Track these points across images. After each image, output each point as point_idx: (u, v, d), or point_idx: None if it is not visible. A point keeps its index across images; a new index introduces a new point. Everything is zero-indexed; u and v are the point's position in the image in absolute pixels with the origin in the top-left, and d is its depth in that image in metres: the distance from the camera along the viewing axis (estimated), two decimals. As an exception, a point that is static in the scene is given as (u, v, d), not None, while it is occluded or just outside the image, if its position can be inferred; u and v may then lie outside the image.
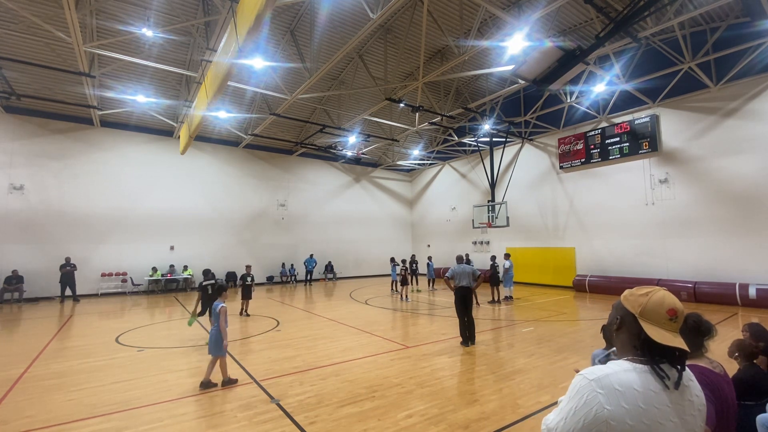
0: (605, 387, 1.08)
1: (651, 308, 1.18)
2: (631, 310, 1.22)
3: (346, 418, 4.19)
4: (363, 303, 12.99)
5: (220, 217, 18.95)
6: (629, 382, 1.09)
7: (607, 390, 1.08)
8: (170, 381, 5.47)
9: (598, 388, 1.08)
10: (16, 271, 13.81)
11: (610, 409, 1.05)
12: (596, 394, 1.08)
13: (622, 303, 1.28)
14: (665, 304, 1.17)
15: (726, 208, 12.05)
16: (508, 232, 18.55)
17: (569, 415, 1.12)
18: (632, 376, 1.10)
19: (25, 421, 4.25)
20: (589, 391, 1.09)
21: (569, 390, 1.16)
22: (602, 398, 1.07)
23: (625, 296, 1.28)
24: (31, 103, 14.63)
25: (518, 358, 6.36)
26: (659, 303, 1.17)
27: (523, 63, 8.86)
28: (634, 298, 1.23)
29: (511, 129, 18.20)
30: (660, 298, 1.18)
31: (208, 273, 8.89)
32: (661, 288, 1.22)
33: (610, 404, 1.06)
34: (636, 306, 1.21)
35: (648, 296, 1.20)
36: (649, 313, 1.18)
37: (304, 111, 17.89)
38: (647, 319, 1.18)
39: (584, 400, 1.09)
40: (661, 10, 9.58)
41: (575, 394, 1.12)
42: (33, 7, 10.35)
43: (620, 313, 1.27)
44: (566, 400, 1.15)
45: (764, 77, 11.43)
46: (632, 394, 1.07)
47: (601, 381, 1.10)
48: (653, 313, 1.17)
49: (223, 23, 9.88)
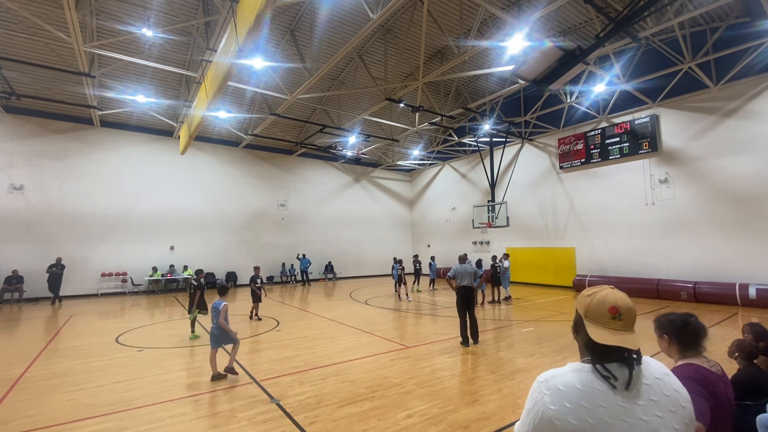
0: (550, 388, 1.11)
1: (593, 308, 1.18)
2: (580, 311, 1.24)
3: (346, 418, 4.19)
4: (363, 303, 12.99)
5: (220, 217, 18.95)
6: (572, 381, 1.11)
7: (552, 390, 1.11)
8: (170, 381, 5.47)
9: (544, 390, 1.12)
10: (16, 271, 13.80)
11: (554, 409, 1.08)
12: (543, 395, 1.12)
13: (576, 305, 1.28)
14: (607, 302, 1.17)
15: (726, 208, 12.05)
16: (508, 232, 18.54)
17: (524, 417, 1.17)
18: (576, 375, 1.12)
19: (25, 421, 4.25)
20: (538, 393, 1.14)
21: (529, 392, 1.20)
22: (547, 398, 1.10)
23: (577, 298, 1.28)
24: (31, 103, 14.63)
25: (518, 358, 6.36)
26: (601, 302, 1.18)
27: (523, 63, 8.86)
28: (582, 299, 1.24)
29: (511, 129, 18.20)
30: (602, 297, 1.18)
31: (200, 272, 8.96)
32: (607, 286, 1.22)
33: (553, 404, 1.08)
34: (582, 307, 1.22)
35: (592, 296, 1.21)
36: (592, 313, 1.18)
37: (304, 111, 17.90)
38: (590, 319, 1.19)
39: (534, 401, 1.14)
40: (661, 10, 9.59)
41: (529, 397, 1.17)
42: (33, 7, 10.35)
43: (575, 315, 1.28)
44: (526, 403, 1.19)
45: (764, 77, 11.43)
46: (574, 393, 1.08)
47: (548, 382, 1.13)
48: (595, 312, 1.18)
49: (223, 23, 9.89)
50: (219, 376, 5.44)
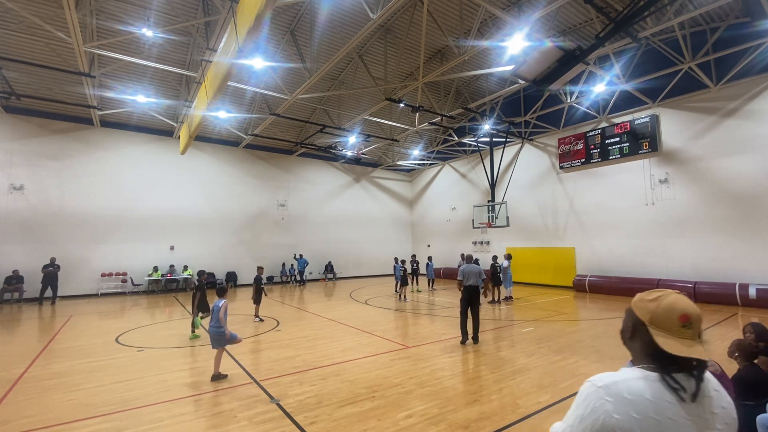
0: (614, 395, 1.02)
1: (661, 315, 1.09)
2: (641, 317, 1.14)
3: (346, 418, 4.19)
4: (363, 303, 12.99)
5: (220, 217, 18.95)
6: (640, 390, 1.02)
7: (616, 398, 1.01)
8: (170, 381, 5.47)
9: (606, 396, 1.03)
10: (17, 271, 13.79)
11: (618, 418, 0.99)
12: (604, 401, 1.02)
13: (632, 309, 1.19)
14: (676, 309, 1.08)
15: (726, 208, 12.05)
16: (508, 232, 18.55)
17: (575, 423, 1.07)
18: (643, 384, 1.03)
19: (25, 421, 4.25)
20: (597, 399, 1.03)
21: (577, 396, 1.10)
22: (610, 406, 1.01)
23: (635, 302, 1.19)
24: (31, 103, 14.63)
25: (518, 358, 6.36)
26: (669, 309, 1.09)
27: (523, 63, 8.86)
28: (644, 304, 1.15)
29: (511, 129, 18.20)
30: (670, 304, 1.09)
31: (201, 273, 8.91)
32: (673, 291, 1.13)
33: (618, 413, 1.00)
34: (645, 313, 1.13)
35: (657, 302, 1.11)
36: (659, 321, 1.09)
37: (304, 111, 17.90)
38: (658, 327, 1.09)
39: (591, 408, 1.04)
40: (661, 10, 9.59)
41: (582, 401, 1.07)
42: (33, 7, 10.35)
43: (631, 320, 1.19)
44: (574, 407, 1.10)
45: (764, 77, 11.43)
46: (643, 403, 1.00)
47: (610, 388, 1.03)
48: (664, 320, 1.09)
49: (223, 23, 9.89)
50: (219, 376, 5.46)
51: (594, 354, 6.56)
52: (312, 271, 21.68)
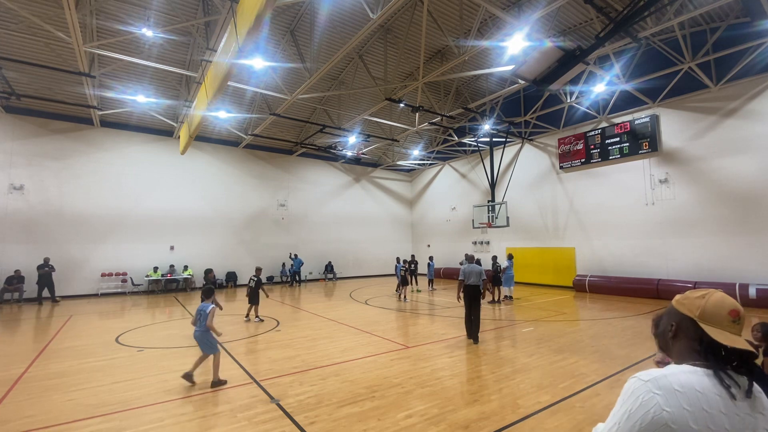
0: (663, 387, 0.99)
1: (711, 310, 1.09)
2: (688, 313, 1.13)
3: (346, 418, 4.19)
4: (363, 303, 12.99)
5: (220, 217, 18.95)
6: (690, 383, 0.99)
7: (666, 390, 0.98)
8: (170, 381, 5.47)
9: (654, 389, 0.99)
10: (18, 271, 13.79)
11: (670, 411, 0.96)
12: (653, 395, 0.99)
13: (675, 308, 1.19)
14: (726, 305, 1.09)
15: (726, 208, 12.05)
16: (508, 232, 18.55)
17: (623, 420, 1.01)
18: (694, 377, 1.01)
19: (25, 421, 4.25)
20: (645, 392, 1.00)
21: (622, 394, 1.06)
22: (660, 399, 0.98)
23: (678, 300, 1.19)
24: (31, 103, 14.63)
25: (518, 358, 6.36)
26: (719, 304, 1.10)
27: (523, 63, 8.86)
28: (690, 302, 1.15)
29: (511, 129, 18.20)
30: (720, 299, 1.11)
31: (209, 272, 8.83)
32: (717, 290, 1.15)
33: (669, 405, 0.96)
34: (694, 309, 1.13)
35: (705, 298, 1.12)
36: (710, 316, 1.09)
37: (304, 111, 17.90)
38: (708, 322, 1.09)
39: (640, 402, 1.00)
40: (661, 10, 9.59)
41: (629, 397, 1.03)
42: (33, 7, 10.35)
43: (675, 318, 1.18)
44: (619, 404, 1.05)
45: (764, 77, 11.43)
46: (695, 396, 0.97)
47: (659, 381, 1.01)
48: (714, 315, 1.09)
49: (223, 23, 9.89)
50: (219, 382, 5.28)
51: (594, 354, 6.56)
52: (312, 271, 21.69)
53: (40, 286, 13.75)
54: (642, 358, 6.32)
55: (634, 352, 6.63)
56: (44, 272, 13.83)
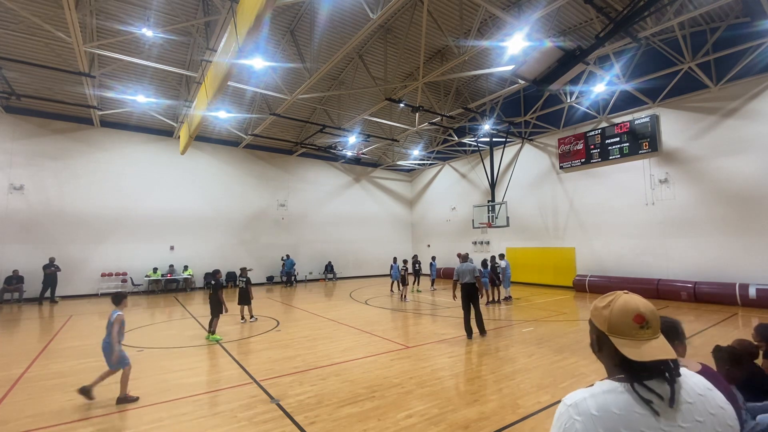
0: (582, 413, 0.99)
1: (616, 320, 1.05)
2: (600, 327, 1.10)
3: (346, 418, 4.19)
4: (363, 303, 12.99)
5: (220, 217, 18.95)
6: (607, 405, 0.98)
7: (584, 416, 0.98)
8: (170, 381, 5.47)
9: (575, 415, 1.00)
10: (17, 271, 13.79)
11: None
12: (573, 421, 0.99)
13: (591, 320, 1.15)
14: (629, 311, 1.04)
15: (726, 208, 12.05)
16: (508, 232, 18.55)
17: None
18: (611, 397, 0.99)
19: (25, 421, 4.25)
20: (567, 418, 1.01)
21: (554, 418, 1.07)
22: (579, 425, 0.97)
23: (591, 311, 1.15)
24: (31, 103, 14.63)
25: (518, 358, 6.36)
26: (623, 311, 1.05)
27: (523, 63, 8.86)
28: (598, 312, 1.11)
29: (511, 129, 18.20)
30: (622, 306, 1.05)
31: (216, 273, 8.70)
32: (622, 292, 1.09)
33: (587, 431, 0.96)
34: (603, 322, 1.09)
35: (610, 307, 1.07)
36: (615, 327, 1.05)
37: (304, 111, 17.90)
38: (616, 334, 1.05)
39: (563, 428, 1.01)
40: (661, 10, 9.58)
41: (556, 422, 1.04)
42: (33, 7, 10.35)
43: (594, 332, 1.15)
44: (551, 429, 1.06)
45: (764, 77, 11.43)
46: (611, 419, 0.96)
47: (578, 406, 1.00)
48: (619, 325, 1.04)
49: (223, 23, 9.89)
50: (127, 398, 4.70)
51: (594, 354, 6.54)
52: (312, 271, 21.69)
53: (45, 285, 13.81)
54: (642, 358, 6.31)
55: (634, 352, 6.62)
56: (50, 272, 13.90)
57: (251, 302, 10.09)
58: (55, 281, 14.01)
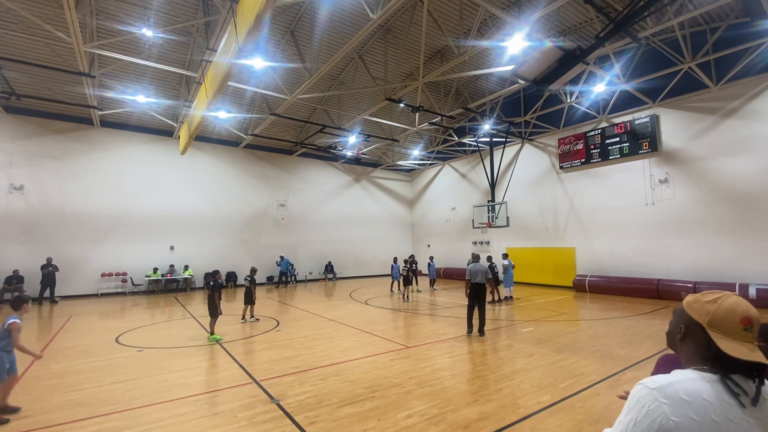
0: (670, 396, 0.98)
1: (721, 317, 1.05)
2: (697, 318, 1.10)
3: (346, 418, 4.19)
4: (363, 303, 12.99)
5: (220, 217, 18.95)
6: (698, 391, 0.98)
7: (672, 399, 0.97)
8: (170, 381, 5.47)
9: (661, 398, 0.98)
10: (17, 271, 13.78)
11: (676, 421, 0.95)
12: (660, 403, 0.98)
13: (685, 310, 1.15)
14: (738, 312, 1.04)
15: (726, 208, 12.05)
16: (508, 232, 18.55)
17: (629, 428, 1.01)
18: (701, 385, 0.99)
19: (25, 421, 4.25)
20: (651, 401, 0.99)
21: (628, 401, 1.05)
22: (667, 408, 0.96)
23: (688, 303, 1.16)
24: (31, 103, 14.63)
25: (518, 358, 6.36)
26: (731, 311, 1.05)
27: (523, 63, 8.86)
28: (700, 306, 1.11)
29: (511, 129, 18.20)
30: (731, 305, 1.06)
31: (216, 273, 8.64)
32: (731, 293, 1.09)
33: (676, 415, 0.95)
34: (703, 314, 1.09)
35: (717, 303, 1.08)
36: (719, 323, 1.05)
37: (304, 111, 17.90)
38: (717, 330, 1.05)
39: (646, 411, 0.99)
40: (661, 10, 9.58)
41: (635, 404, 1.02)
42: (33, 7, 10.35)
43: (684, 321, 1.14)
44: (625, 412, 1.04)
45: (764, 77, 11.43)
46: (702, 405, 0.96)
47: (665, 390, 0.99)
48: (724, 322, 1.05)
49: (223, 23, 9.89)
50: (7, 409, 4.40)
51: (594, 354, 6.56)
52: (312, 271, 21.69)
53: (44, 285, 13.78)
54: (642, 358, 6.32)
55: (634, 352, 6.63)
56: (48, 272, 13.89)
57: (254, 302, 10.05)
58: (54, 281, 13.99)
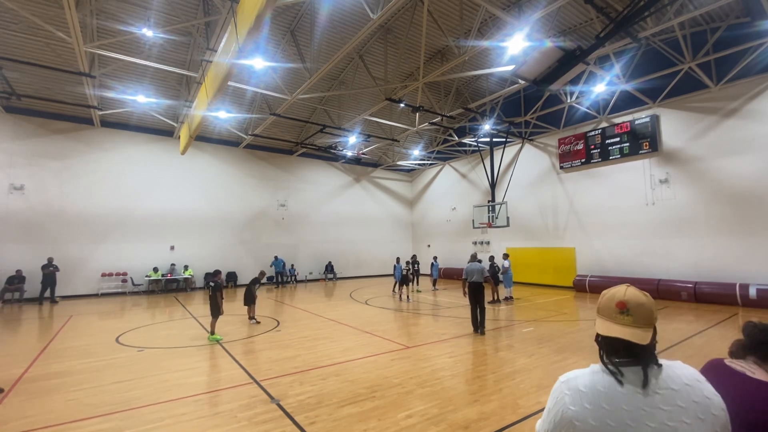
0: (571, 388, 1.13)
1: (604, 303, 1.20)
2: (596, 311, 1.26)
3: (346, 418, 4.19)
4: (363, 303, 12.99)
5: (221, 217, 18.96)
6: (593, 382, 1.11)
7: (572, 391, 1.12)
8: (170, 381, 5.47)
9: (565, 390, 1.14)
10: (20, 271, 13.79)
11: (573, 410, 1.09)
12: (564, 395, 1.13)
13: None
14: (616, 297, 1.17)
15: (726, 208, 12.04)
16: (508, 232, 18.54)
17: (545, 416, 1.19)
18: (598, 377, 1.13)
19: (25, 421, 4.25)
20: (559, 393, 1.15)
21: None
22: (567, 399, 1.12)
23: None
24: (31, 103, 14.63)
25: (518, 358, 6.36)
26: (611, 297, 1.19)
27: (523, 63, 8.86)
28: (599, 299, 1.25)
29: (511, 129, 18.20)
30: (613, 293, 1.19)
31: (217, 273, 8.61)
32: (626, 285, 1.22)
33: (574, 404, 1.10)
34: (597, 305, 1.24)
35: (606, 294, 1.22)
36: (602, 309, 1.20)
37: (304, 111, 17.90)
38: (600, 315, 1.20)
39: (555, 401, 1.15)
40: (661, 10, 9.58)
41: (551, 396, 1.19)
42: (33, 7, 10.35)
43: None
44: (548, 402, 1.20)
45: (764, 77, 11.43)
46: (595, 394, 1.09)
47: (569, 382, 1.15)
48: (605, 308, 1.19)
49: (224, 23, 9.89)
50: None
51: (594, 354, 6.53)
52: (312, 271, 21.70)
53: (44, 285, 13.78)
54: (642, 358, 6.31)
55: (634, 352, 6.61)
56: (49, 272, 13.88)
57: (254, 303, 9.98)
58: (54, 281, 13.99)
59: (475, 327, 8.27)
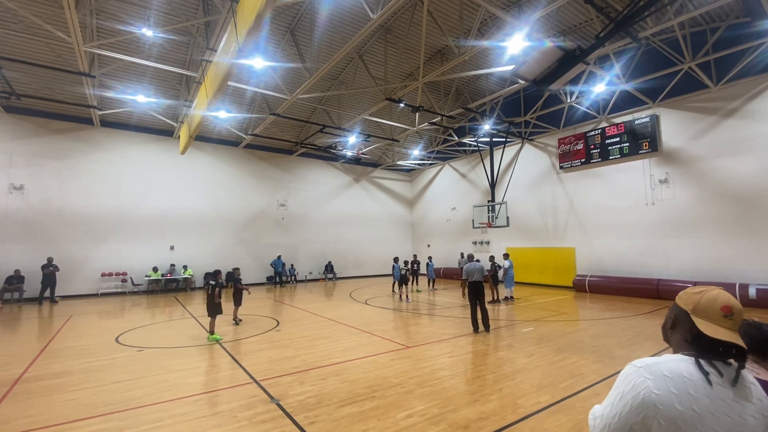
0: (654, 373, 1.11)
1: (704, 305, 1.19)
2: (684, 307, 1.24)
3: (346, 418, 4.19)
4: (363, 303, 12.99)
5: (220, 217, 18.95)
6: (679, 369, 1.11)
7: (656, 376, 1.10)
8: (170, 381, 5.47)
9: (646, 374, 1.11)
10: (18, 271, 13.79)
11: (658, 393, 1.08)
12: (644, 379, 1.11)
13: (676, 302, 1.30)
14: (719, 300, 1.18)
15: (726, 208, 12.05)
16: (508, 232, 18.55)
17: (616, 400, 1.15)
18: (683, 365, 1.12)
19: (25, 421, 4.25)
20: (637, 377, 1.12)
21: (617, 379, 1.18)
22: (650, 383, 1.09)
23: (679, 296, 1.30)
24: (31, 103, 14.63)
25: (518, 358, 6.35)
26: (713, 300, 1.18)
27: (523, 63, 8.86)
28: (687, 296, 1.25)
29: (511, 129, 18.20)
30: (714, 296, 1.19)
31: (217, 273, 8.60)
32: (716, 287, 1.23)
33: (658, 389, 1.08)
34: (689, 303, 1.23)
35: (701, 294, 1.22)
36: (701, 310, 1.19)
37: (304, 111, 17.90)
38: (699, 316, 1.19)
39: (632, 385, 1.12)
40: (661, 10, 9.59)
41: (623, 380, 1.16)
42: (33, 7, 10.35)
43: (674, 311, 1.29)
44: (614, 387, 1.18)
45: (764, 77, 11.43)
46: (682, 381, 1.09)
47: (650, 368, 1.12)
48: (706, 309, 1.18)
49: (223, 23, 9.88)
50: None
51: (594, 354, 6.56)
52: (312, 271, 21.70)
53: (44, 285, 13.78)
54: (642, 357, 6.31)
55: (634, 352, 6.63)
56: (49, 272, 13.88)
57: (240, 303, 9.88)
58: (54, 281, 13.99)
59: (475, 327, 8.25)
